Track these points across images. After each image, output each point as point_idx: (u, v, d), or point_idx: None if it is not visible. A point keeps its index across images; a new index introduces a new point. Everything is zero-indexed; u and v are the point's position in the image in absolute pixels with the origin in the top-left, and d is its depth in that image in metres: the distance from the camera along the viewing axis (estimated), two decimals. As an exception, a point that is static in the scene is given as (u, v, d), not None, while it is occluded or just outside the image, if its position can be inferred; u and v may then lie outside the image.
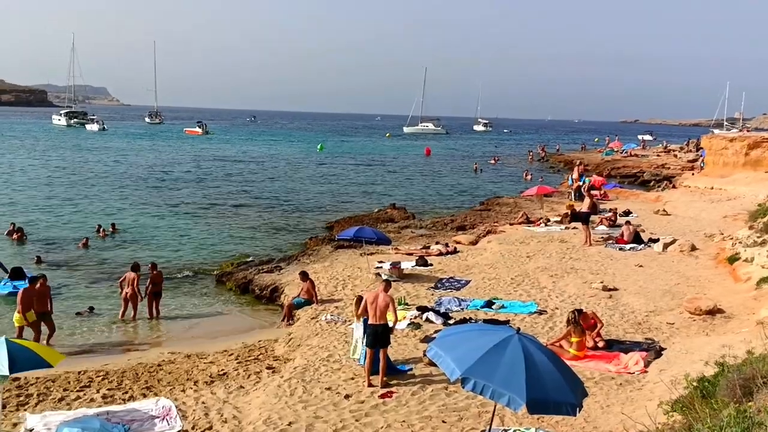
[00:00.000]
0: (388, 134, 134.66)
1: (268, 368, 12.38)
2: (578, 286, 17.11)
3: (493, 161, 69.83)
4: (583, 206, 29.09)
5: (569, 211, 26.83)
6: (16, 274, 18.50)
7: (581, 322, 12.39)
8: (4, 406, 10.09)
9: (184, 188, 42.03)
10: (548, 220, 27.61)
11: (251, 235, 28.01)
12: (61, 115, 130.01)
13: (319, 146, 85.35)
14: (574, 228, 25.44)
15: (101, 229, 26.15)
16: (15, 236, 24.92)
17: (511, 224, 27.57)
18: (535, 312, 15.00)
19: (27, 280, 15.26)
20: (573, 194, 35.37)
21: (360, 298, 12.26)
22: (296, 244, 26.08)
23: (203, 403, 10.69)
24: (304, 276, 16.90)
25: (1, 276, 18.76)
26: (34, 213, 31.06)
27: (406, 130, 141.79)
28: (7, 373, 8.87)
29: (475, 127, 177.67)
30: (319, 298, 16.54)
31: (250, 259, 22.80)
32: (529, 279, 18.11)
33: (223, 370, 12.50)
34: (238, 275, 20.17)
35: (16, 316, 14.28)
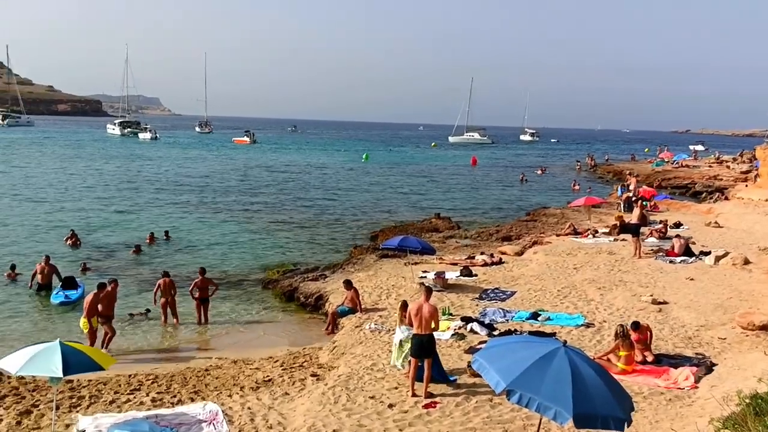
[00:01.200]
0: (433, 144, 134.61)
1: (312, 375, 12.46)
2: (627, 299, 16.79)
3: (539, 171, 69.11)
4: (633, 217, 28.55)
5: (618, 223, 26.37)
6: (68, 283, 18.76)
7: (638, 335, 12.17)
8: (57, 407, 10.38)
9: (232, 196, 42.74)
10: (596, 232, 27.19)
11: (297, 243, 28.28)
12: (115, 124, 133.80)
13: (364, 156, 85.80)
14: (623, 240, 25.01)
15: (152, 236, 26.72)
16: (69, 241, 25.71)
17: (557, 235, 27.22)
18: (582, 325, 14.77)
19: (98, 286, 15.30)
20: (622, 205, 34.75)
21: (405, 304, 12.30)
22: (341, 253, 26.22)
23: (249, 408, 10.82)
24: (349, 284, 16.98)
25: (54, 284, 19.21)
26: (88, 219, 31.93)
27: (451, 139, 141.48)
28: (61, 375, 9.13)
29: (522, 137, 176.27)
30: (363, 306, 16.59)
31: (296, 267, 23.01)
32: (576, 291, 17.85)
33: (268, 376, 12.63)
34: (283, 283, 20.39)
35: (83, 321, 14.64)
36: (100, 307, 14.79)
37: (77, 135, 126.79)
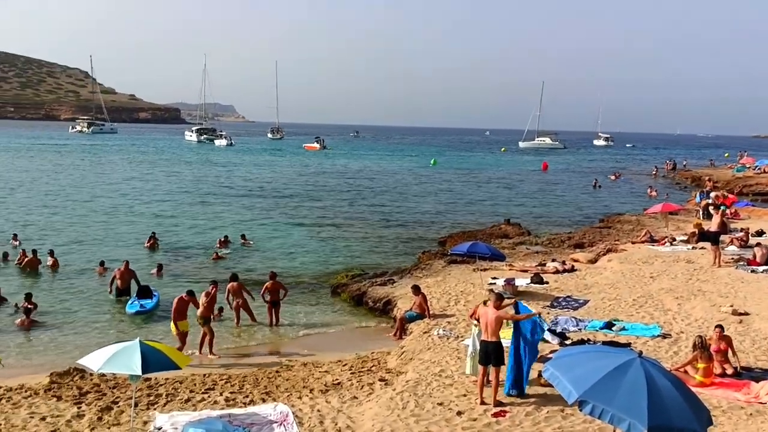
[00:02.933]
0: (503, 149, 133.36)
1: (380, 380, 12.50)
2: (706, 310, 16.16)
3: (614, 177, 67.43)
4: (713, 225, 27.50)
5: (697, 230, 25.44)
6: (144, 292, 18.67)
7: (719, 345, 11.72)
8: (136, 405, 10.77)
9: (303, 201, 43.45)
10: (674, 239, 26.29)
11: (365, 247, 28.49)
12: (192, 131, 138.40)
13: (432, 161, 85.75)
14: (702, 248, 24.09)
15: (224, 240, 27.34)
16: (148, 243, 26.66)
17: (633, 243, 26.47)
18: (658, 335, 14.30)
19: (187, 293, 15.42)
20: (701, 212, 33.51)
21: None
22: (409, 258, 26.24)
23: (318, 410, 10.95)
24: (417, 290, 16.97)
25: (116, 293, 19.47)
26: (165, 223, 33.05)
27: (522, 144, 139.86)
28: (140, 374, 9.45)
29: (596, 142, 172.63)
30: (431, 312, 16.55)
31: (364, 271, 23.18)
32: (653, 300, 17.29)
33: (337, 379, 12.76)
34: (352, 287, 20.56)
35: (172, 325, 14.98)
36: (201, 310, 15.11)
37: (157, 141, 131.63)
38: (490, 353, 10.75)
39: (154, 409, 11.10)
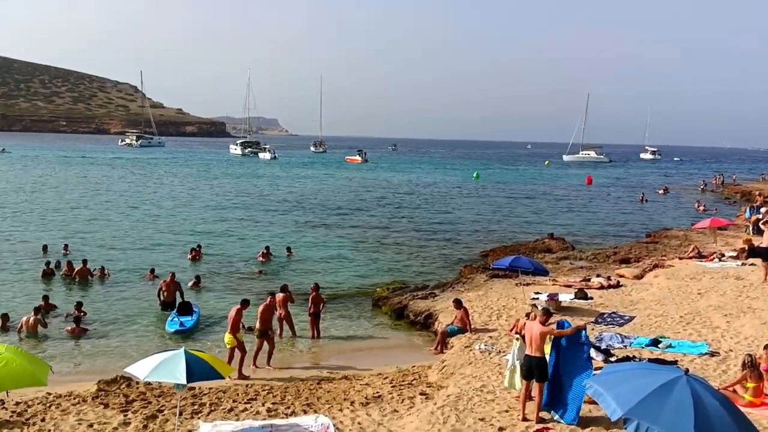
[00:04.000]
0: (547, 162, 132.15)
1: (421, 394, 12.47)
2: (756, 327, 15.68)
3: (661, 191, 66.14)
4: (763, 241, 26.68)
5: (747, 246, 24.72)
6: (183, 309, 18.29)
7: None
8: (180, 413, 10.95)
9: (345, 214, 43.72)
10: (722, 255, 25.63)
11: (406, 261, 28.49)
12: (237, 144, 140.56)
13: (474, 174, 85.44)
14: (752, 264, 23.42)
15: (267, 251, 27.65)
16: (191, 255, 27.10)
17: (680, 258, 25.90)
18: (706, 353, 13.93)
19: (241, 302, 15.38)
20: (751, 227, 32.59)
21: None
22: (450, 272, 26.16)
23: (359, 423, 10.97)
24: (458, 304, 16.90)
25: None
26: (209, 235, 33.54)
27: (566, 158, 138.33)
28: (185, 383, 9.62)
29: (642, 155, 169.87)
30: (473, 326, 16.45)
31: (405, 285, 23.17)
32: (701, 318, 16.87)
33: (378, 392, 12.76)
34: (393, 300, 20.57)
35: (228, 336, 14.66)
36: (257, 323, 15.14)
37: (202, 155, 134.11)
38: (533, 368, 10.62)
39: (198, 418, 11.27)
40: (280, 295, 17.22)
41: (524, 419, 10.56)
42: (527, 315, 12.22)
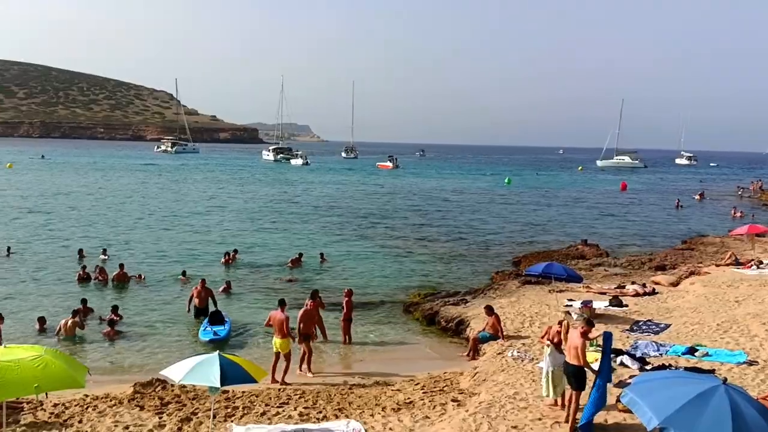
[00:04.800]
0: (580, 167, 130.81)
1: (453, 401, 12.41)
2: (798, 337, 15.30)
3: (697, 197, 65.00)
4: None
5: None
6: (215, 318, 18.00)
7: None
8: (214, 416, 11.07)
9: (377, 220, 43.80)
10: (761, 262, 25.08)
11: (438, 267, 28.42)
12: (269, 150, 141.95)
13: (506, 180, 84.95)
14: (794, 272, 22.89)
15: (299, 257, 27.78)
16: (224, 260, 27.38)
17: (717, 265, 25.42)
18: (744, 362, 13.63)
19: (279, 303, 15.09)
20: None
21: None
22: (482, 278, 26.02)
23: (390, 429, 10.96)
24: (490, 310, 16.80)
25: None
26: (241, 240, 33.83)
27: (599, 163, 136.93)
28: (219, 386, 9.72)
29: (678, 160, 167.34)
30: (505, 333, 16.34)
31: (437, 290, 23.12)
32: (738, 326, 16.50)
33: (409, 398, 12.74)
34: (424, 306, 20.53)
35: (280, 341, 14.43)
36: (302, 326, 15.00)
37: (235, 161, 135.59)
38: (570, 376, 10.56)
39: (231, 421, 11.38)
40: (311, 302, 17.23)
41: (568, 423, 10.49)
42: (559, 322, 12.11)
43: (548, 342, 11.69)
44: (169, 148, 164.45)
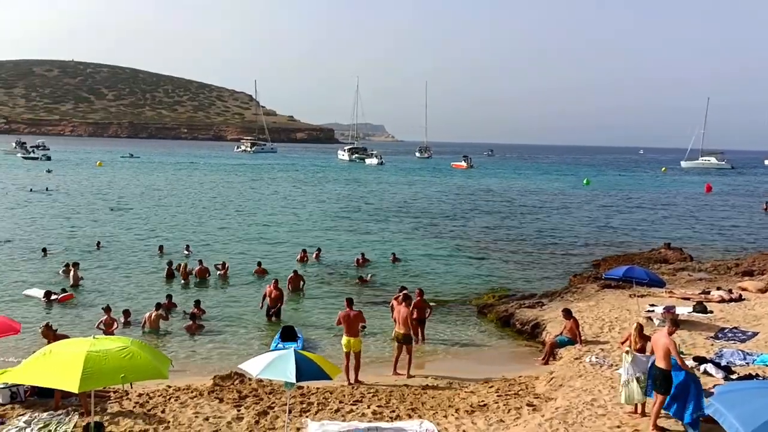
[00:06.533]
0: (663, 168, 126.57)
1: (528, 405, 12.20)
2: None
3: (788, 200, 61.69)
4: None
5: None
6: (287, 333, 17.15)
7: None
8: (290, 411, 11.26)
9: (451, 220, 43.62)
10: None
11: (513, 268, 28.04)
12: (344, 150, 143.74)
13: (585, 180, 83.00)
14: None
15: (362, 257, 27.85)
16: (299, 256, 27.79)
17: (812, 272, 24.06)
18: (841, 375, 12.87)
19: (347, 302, 14.92)
20: None
21: (640, 327, 11.76)
22: (559, 281, 25.50)
23: (464, 431, 10.88)
24: (568, 314, 16.45)
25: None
26: (316, 239, 34.31)
27: (684, 164, 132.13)
28: (294, 381, 9.88)
29: (767, 161, 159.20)
30: (583, 338, 15.97)
31: (512, 292, 22.82)
32: (835, 336, 15.61)
33: (483, 401, 12.60)
34: (499, 308, 20.29)
35: (353, 340, 14.24)
36: (399, 328, 14.78)
37: (312, 160, 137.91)
38: (656, 378, 10.30)
39: (306, 416, 11.56)
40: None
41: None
42: (637, 330, 11.73)
43: (627, 348, 11.38)
44: (248, 148, 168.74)
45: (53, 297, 20.46)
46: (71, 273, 22.78)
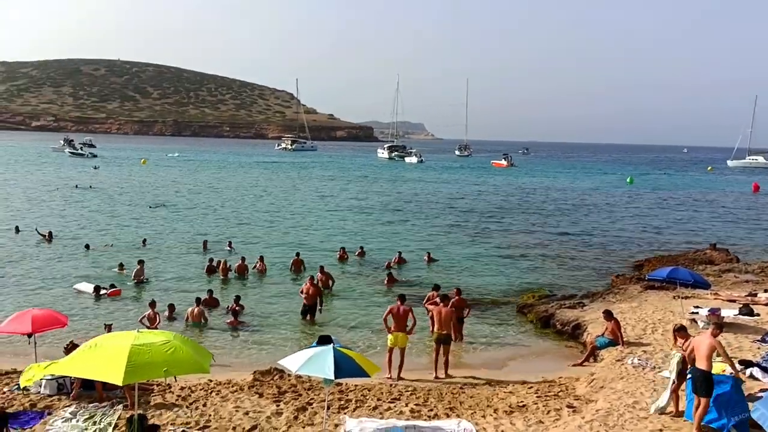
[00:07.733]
0: (709, 167, 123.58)
1: (568, 407, 12.05)
2: None
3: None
4: None
5: None
6: (323, 342, 18.25)
7: None
8: (328, 407, 11.32)
9: (491, 218, 43.32)
10: None
11: (554, 268, 27.72)
12: (384, 149, 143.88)
13: (628, 179, 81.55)
14: None
15: (399, 256, 27.70)
16: (339, 254, 27.89)
17: None
18: None
19: (399, 298, 14.94)
20: None
21: (682, 327, 11.58)
22: (601, 281, 25.13)
23: (502, 431, 10.81)
24: (609, 315, 16.19)
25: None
26: (354, 237, 34.40)
27: (730, 163, 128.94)
28: (333, 378, 9.94)
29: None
30: (625, 339, 15.70)
31: (552, 292, 22.56)
32: None
33: (522, 401, 12.49)
34: (539, 308, 20.09)
35: (400, 336, 14.39)
36: (436, 327, 14.76)
37: (351, 159, 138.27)
38: (696, 380, 10.12)
39: (345, 413, 11.62)
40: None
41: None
42: (681, 329, 11.50)
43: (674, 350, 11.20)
44: (289, 146, 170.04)
45: (102, 292, 20.97)
46: (135, 269, 23.24)
